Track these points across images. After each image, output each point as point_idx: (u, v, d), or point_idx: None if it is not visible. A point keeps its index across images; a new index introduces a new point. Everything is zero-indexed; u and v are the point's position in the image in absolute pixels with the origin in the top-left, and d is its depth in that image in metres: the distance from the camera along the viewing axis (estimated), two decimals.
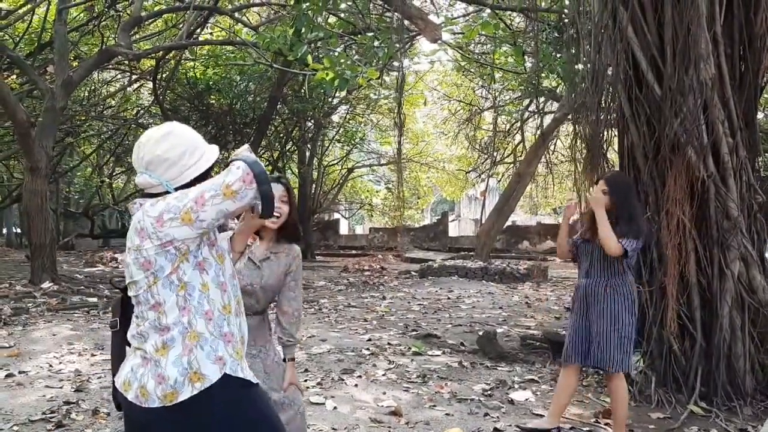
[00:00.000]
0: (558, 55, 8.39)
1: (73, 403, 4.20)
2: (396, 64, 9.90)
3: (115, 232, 23.00)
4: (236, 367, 1.87)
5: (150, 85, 17.59)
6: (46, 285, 10.05)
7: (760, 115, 8.86)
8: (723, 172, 4.72)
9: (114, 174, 23.05)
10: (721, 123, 4.70)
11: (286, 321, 2.71)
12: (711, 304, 4.75)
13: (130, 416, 1.88)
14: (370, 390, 4.92)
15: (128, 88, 18.45)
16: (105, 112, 18.11)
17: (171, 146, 1.90)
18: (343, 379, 5.19)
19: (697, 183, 4.69)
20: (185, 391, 1.78)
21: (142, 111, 18.96)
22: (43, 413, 4.15)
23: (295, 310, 2.74)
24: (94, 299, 9.38)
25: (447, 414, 4.38)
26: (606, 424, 4.24)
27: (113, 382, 1.95)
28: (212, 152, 2.00)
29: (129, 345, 1.94)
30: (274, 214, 2.21)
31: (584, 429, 4.13)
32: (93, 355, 5.90)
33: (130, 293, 1.90)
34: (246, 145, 1.96)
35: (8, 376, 5.07)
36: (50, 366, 5.44)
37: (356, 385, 5.04)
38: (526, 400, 4.79)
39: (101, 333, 6.93)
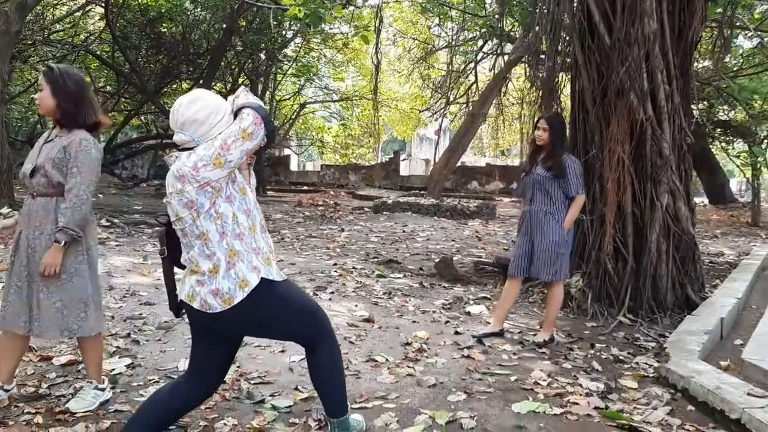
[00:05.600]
0: (518, 1, 8.82)
1: None
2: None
3: None
4: (267, 271, 2.41)
5: (100, 10, 17.14)
6: (5, 210, 10.14)
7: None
8: (659, 116, 5.35)
9: None
10: (660, 72, 5.30)
11: (63, 206, 2.89)
12: (642, 231, 5.46)
13: (194, 319, 2.47)
14: (343, 303, 5.50)
15: (77, 13, 17.89)
16: (52, 36, 17.58)
17: (199, 108, 2.35)
18: (317, 294, 5.75)
19: (636, 125, 5.31)
20: (238, 296, 2.33)
21: (92, 37, 18.45)
22: None
23: (72, 198, 2.88)
24: None
25: (413, 321, 5.01)
26: None
27: (169, 294, 2.52)
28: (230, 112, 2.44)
29: (176, 267, 2.51)
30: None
31: (530, 333, 4.82)
32: None
33: (176, 227, 2.39)
34: (242, 87, 2.43)
35: None
36: None
37: (330, 299, 5.60)
38: (480, 312, 5.47)
39: None
